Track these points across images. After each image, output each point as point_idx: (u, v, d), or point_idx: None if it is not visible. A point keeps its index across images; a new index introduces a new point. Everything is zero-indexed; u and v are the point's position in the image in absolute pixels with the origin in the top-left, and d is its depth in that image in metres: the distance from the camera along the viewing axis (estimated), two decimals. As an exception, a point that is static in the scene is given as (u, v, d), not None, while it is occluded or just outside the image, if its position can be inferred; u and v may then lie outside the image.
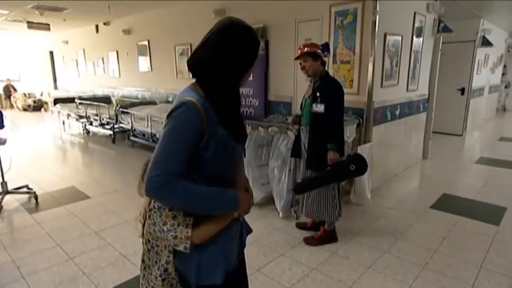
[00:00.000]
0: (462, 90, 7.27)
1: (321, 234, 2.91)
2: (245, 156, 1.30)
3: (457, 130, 7.40)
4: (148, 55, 6.97)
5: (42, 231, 3.14)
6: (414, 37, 4.38)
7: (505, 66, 10.96)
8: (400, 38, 4.06)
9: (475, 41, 7.05)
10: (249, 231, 1.36)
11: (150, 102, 6.79)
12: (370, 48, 3.63)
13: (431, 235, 3.02)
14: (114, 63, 8.26)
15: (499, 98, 11.34)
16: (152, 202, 1.14)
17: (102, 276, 2.46)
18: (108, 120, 6.95)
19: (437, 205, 3.68)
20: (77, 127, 8.40)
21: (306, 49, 2.67)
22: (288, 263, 2.58)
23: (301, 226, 3.15)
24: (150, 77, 7.15)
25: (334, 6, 3.84)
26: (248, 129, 3.53)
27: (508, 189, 4.18)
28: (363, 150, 3.48)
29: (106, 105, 7.23)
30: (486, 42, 7.39)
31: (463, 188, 4.25)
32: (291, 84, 4.49)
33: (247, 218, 1.29)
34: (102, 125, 7.26)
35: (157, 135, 5.47)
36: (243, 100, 5.03)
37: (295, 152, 3.00)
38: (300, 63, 2.73)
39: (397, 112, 4.36)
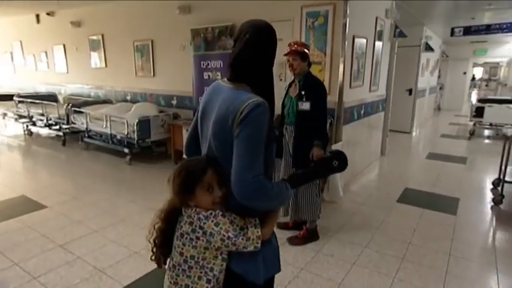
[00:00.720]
0: (410, 91, 7.88)
1: (304, 233, 2.94)
2: None
3: (405, 128, 8.00)
4: (102, 50, 6.47)
5: (-7, 249, 2.76)
6: (376, 40, 4.64)
7: (439, 70, 12.13)
8: (365, 40, 4.27)
9: (419, 46, 7.69)
10: None
11: (106, 101, 6.32)
12: (341, 49, 3.75)
13: (402, 228, 3.22)
14: (61, 58, 7.54)
15: (436, 99, 12.52)
16: (191, 215, 1.08)
17: (78, 295, 2.23)
18: (57, 121, 6.33)
19: (402, 199, 3.94)
20: (15, 128, 7.54)
21: (295, 47, 2.69)
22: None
23: (282, 226, 3.16)
24: (105, 74, 6.65)
25: (305, 7, 3.90)
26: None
27: (456, 182, 4.61)
28: (335, 149, 3.59)
29: (54, 103, 6.57)
30: (428, 48, 8.10)
31: (420, 181, 4.60)
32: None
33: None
34: (49, 125, 6.60)
35: (118, 136, 5.11)
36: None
37: (278, 152, 3.00)
38: (288, 60, 2.73)
39: (362, 112, 4.58)
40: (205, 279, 1.08)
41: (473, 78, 20.06)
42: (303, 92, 2.70)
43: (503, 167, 3.90)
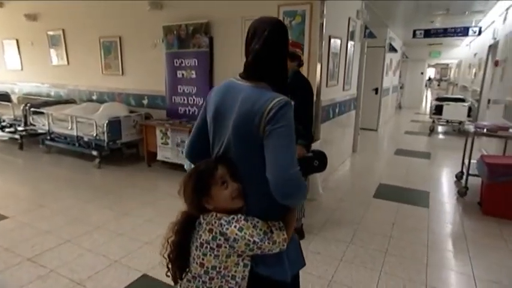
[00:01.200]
0: (376, 90, 8.21)
1: None
2: None
3: (373, 126, 8.33)
4: (63, 47, 6.04)
5: (-50, 267, 2.46)
6: (349, 41, 4.76)
7: (400, 70, 12.79)
8: (339, 41, 4.36)
9: (384, 46, 8.03)
10: None
11: (69, 101, 5.91)
12: (319, 49, 3.80)
13: (382, 222, 3.32)
14: (14, 53, 6.94)
15: (397, 97, 13.19)
16: (211, 222, 1.03)
17: (56, 312, 2.04)
18: (12, 122, 5.82)
19: (378, 194, 4.08)
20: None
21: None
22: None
23: None
24: (66, 72, 6.21)
25: (282, 6, 3.90)
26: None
27: (424, 176, 4.87)
28: (314, 147, 3.63)
29: (7, 103, 6.03)
30: (392, 49, 8.51)
31: (392, 177, 4.79)
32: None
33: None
34: (1, 128, 6.06)
35: (86, 138, 4.79)
36: (185, 99, 4.76)
37: None
38: None
39: (337, 110, 4.68)
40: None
41: (430, 79, 21.37)
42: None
43: (466, 161, 4.16)
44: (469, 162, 4.05)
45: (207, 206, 1.05)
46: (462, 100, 8.94)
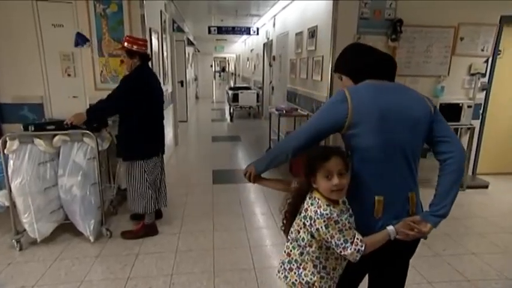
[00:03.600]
0: (182, 83, 8.51)
1: (140, 228, 2.91)
2: None
3: (183, 117, 8.62)
4: None
5: None
6: (163, 34, 4.70)
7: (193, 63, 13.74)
8: (157, 34, 4.24)
9: (183, 40, 8.39)
10: None
11: None
12: (142, 42, 3.57)
13: (232, 204, 3.64)
14: None
15: (195, 89, 14.16)
16: (309, 203, 1.19)
17: None
18: None
19: (216, 180, 4.40)
20: None
21: (125, 44, 2.59)
22: (145, 282, 2.29)
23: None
24: None
25: (92, -9, 3.38)
26: (14, 144, 2.52)
27: (243, 156, 5.63)
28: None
29: None
30: (190, 43, 9.01)
31: (220, 162, 5.23)
32: (40, 79, 3.52)
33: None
34: None
35: None
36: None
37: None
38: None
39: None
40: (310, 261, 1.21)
41: (224, 70, 24.04)
42: None
43: (273, 137, 5.13)
44: (278, 138, 5.02)
45: (313, 185, 1.18)
46: (249, 88, 10.73)
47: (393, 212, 1.23)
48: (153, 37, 3.93)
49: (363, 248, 1.13)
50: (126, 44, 2.63)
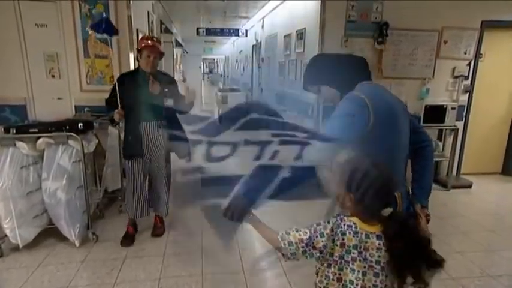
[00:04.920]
0: (170, 84, 8.45)
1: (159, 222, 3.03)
2: None
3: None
4: None
5: None
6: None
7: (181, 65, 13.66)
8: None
9: (172, 42, 8.33)
10: None
11: None
12: (129, 44, 3.54)
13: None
14: None
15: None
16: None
17: None
18: None
19: (204, 183, 4.36)
20: None
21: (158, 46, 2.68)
22: (132, 287, 2.26)
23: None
24: None
25: (75, -10, 3.32)
26: (-5, 147, 2.46)
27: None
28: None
29: None
30: (179, 44, 8.96)
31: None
32: (22, 80, 3.43)
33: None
34: None
35: None
36: None
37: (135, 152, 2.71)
38: (149, 56, 2.61)
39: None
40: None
41: (211, 71, 23.94)
42: (165, 89, 2.69)
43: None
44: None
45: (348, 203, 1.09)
46: (238, 90, 10.72)
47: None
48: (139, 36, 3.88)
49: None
50: (161, 47, 2.76)
